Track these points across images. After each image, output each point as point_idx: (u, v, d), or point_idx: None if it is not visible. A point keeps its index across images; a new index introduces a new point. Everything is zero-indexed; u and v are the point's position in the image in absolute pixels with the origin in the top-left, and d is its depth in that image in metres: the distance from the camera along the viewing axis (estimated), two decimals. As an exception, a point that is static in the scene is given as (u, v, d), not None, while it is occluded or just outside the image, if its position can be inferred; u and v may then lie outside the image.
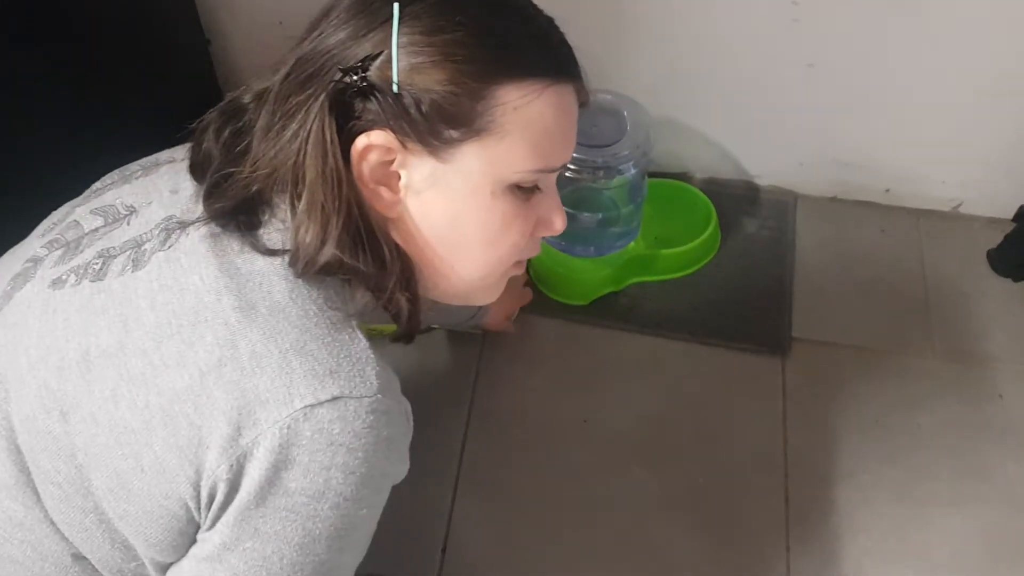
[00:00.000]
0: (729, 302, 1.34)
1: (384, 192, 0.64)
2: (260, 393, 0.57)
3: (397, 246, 0.67)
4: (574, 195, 1.22)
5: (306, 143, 0.61)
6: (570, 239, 1.25)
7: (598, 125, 1.18)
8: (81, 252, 0.67)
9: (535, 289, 1.34)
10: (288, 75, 0.64)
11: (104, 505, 0.61)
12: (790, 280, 1.36)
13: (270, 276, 0.62)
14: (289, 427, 0.56)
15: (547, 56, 0.65)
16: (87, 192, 0.76)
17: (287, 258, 0.63)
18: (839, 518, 1.13)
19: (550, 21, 0.68)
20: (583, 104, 0.70)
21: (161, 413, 0.58)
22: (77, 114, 1.12)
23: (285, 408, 0.57)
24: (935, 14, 1.16)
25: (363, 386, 0.59)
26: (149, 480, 0.59)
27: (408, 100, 0.61)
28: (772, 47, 1.26)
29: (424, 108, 0.61)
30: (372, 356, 0.61)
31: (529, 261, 1.36)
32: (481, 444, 1.19)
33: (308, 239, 0.62)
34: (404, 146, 0.63)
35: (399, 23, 0.60)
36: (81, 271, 0.65)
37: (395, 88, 0.61)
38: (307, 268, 0.62)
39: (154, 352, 0.60)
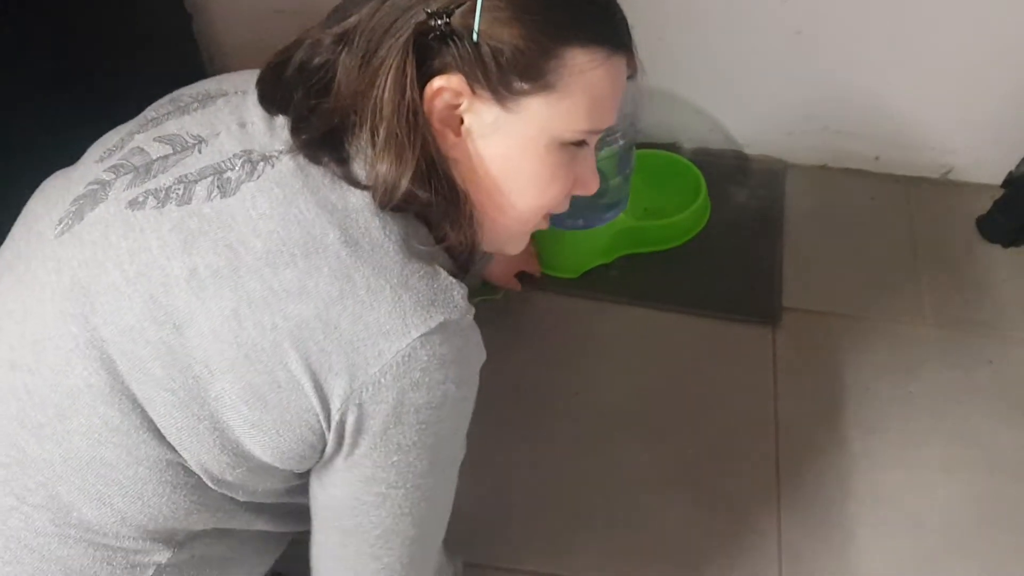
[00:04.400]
0: (719, 272, 1.34)
1: (449, 135, 0.68)
2: (381, 325, 0.62)
3: (461, 185, 0.71)
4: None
5: (387, 77, 0.65)
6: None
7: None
8: (155, 176, 0.69)
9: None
10: (376, 12, 0.67)
11: (225, 414, 0.65)
12: (780, 249, 1.36)
13: (363, 211, 0.66)
14: (409, 355, 0.62)
15: (611, 27, 0.70)
16: (140, 119, 0.77)
17: (372, 192, 0.67)
18: (830, 486, 1.14)
19: None
20: (631, 76, 0.74)
21: (290, 337, 0.62)
22: (57, 89, 1.11)
23: (404, 338, 0.62)
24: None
25: (456, 310, 0.65)
26: (287, 395, 0.64)
27: (485, 49, 0.65)
28: (760, 15, 1.25)
29: (501, 59, 0.65)
30: (454, 283, 0.67)
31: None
32: (472, 417, 1.18)
33: (384, 170, 0.66)
34: (473, 91, 0.66)
35: None
36: (162, 195, 0.68)
37: (475, 36, 0.65)
38: (386, 200, 0.66)
39: (272, 277, 0.63)
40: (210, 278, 0.64)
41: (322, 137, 0.67)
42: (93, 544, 0.68)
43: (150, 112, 0.78)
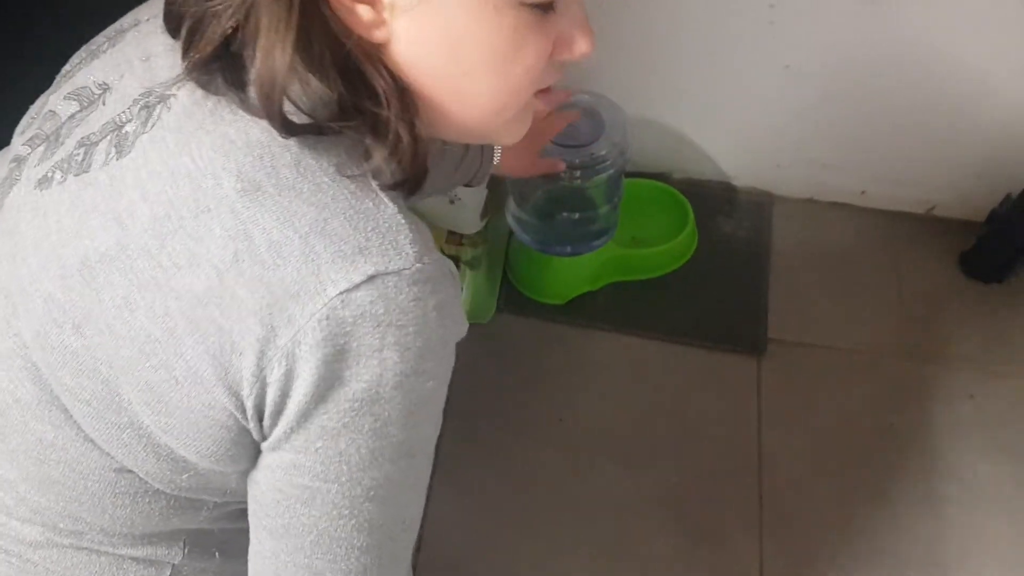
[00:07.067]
0: (705, 302, 1.34)
1: (363, 11, 0.53)
2: (288, 286, 0.51)
3: (393, 76, 0.56)
4: (551, 194, 1.22)
5: None
6: (547, 238, 1.25)
7: (576, 125, 1.18)
8: (62, 144, 0.60)
9: (511, 287, 1.34)
10: None
11: (142, 419, 0.56)
12: (766, 281, 1.36)
13: (270, 145, 0.54)
14: (328, 317, 0.51)
15: None
16: (57, 78, 0.67)
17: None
18: (812, 517, 1.14)
19: None
20: None
21: (184, 319, 0.53)
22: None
23: (319, 298, 0.51)
24: (911, 17, 1.17)
25: (399, 258, 0.52)
26: (187, 391, 0.54)
27: None
28: (749, 49, 1.26)
29: None
30: (403, 221, 0.54)
31: (506, 258, 1.37)
32: (456, 443, 1.19)
33: (255, 72, 0.53)
34: None
35: None
36: (65, 165, 0.58)
37: None
38: (268, 109, 0.53)
39: (159, 251, 0.53)
40: (99, 264, 0.54)
41: (214, 54, 0.54)
42: (95, 552, 0.63)
43: (66, 66, 0.67)
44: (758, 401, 1.24)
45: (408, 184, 0.59)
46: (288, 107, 0.54)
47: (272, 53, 0.51)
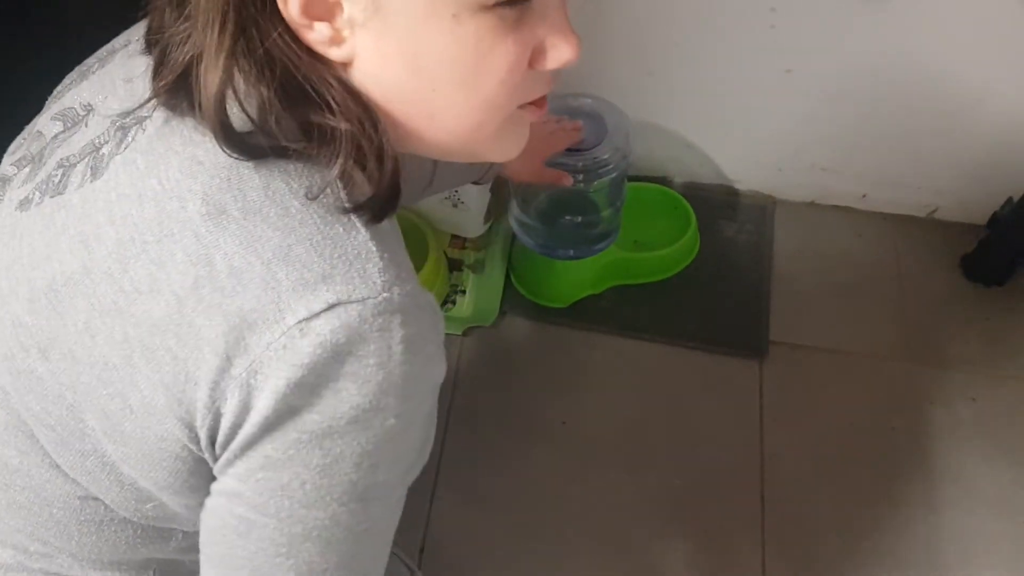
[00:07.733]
0: (707, 306, 1.35)
1: (320, 28, 0.51)
2: (246, 315, 0.49)
3: (355, 92, 0.54)
4: (554, 198, 1.23)
5: None
6: (549, 241, 1.26)
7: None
8: (44, 165, 0.59)
9: (514, 290, 1.35)
10: None
11: (105, 448, 0.55)
12: (768, 284, 1.37)
13: (239, 169, 0.52)
14: (285, 347, 0.49)
15: None
16: (49, 99, 0.67)
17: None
18: (814, 520, 1.14)
19: None
20: None
21: (141, 347, 0.51)
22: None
23: (277, 327, 0.49)
24: (911, 21, 1.18)
25: (364, 287, 0.50)
26: (140, 422, 0.53)
27: None
28: (751, 53, 1.27)
29: None
30: (373, 248, 0.52)
31: (509, 261, 1.37)
32: (459, 446, 1.19)
33: (198, 95, 0.52)
34: None
35: None
36: (44, 186, 0.57)
37: None
38: (214, 130, 0.52)
39: (122, 276, 0.52)
40: (64, 287, 0.53)
41: (179, 79, 0.53)
42: None
43: (58, 86, 0.67)
44: (760, 404, 1.24)
45: (379, 204, 0.55)
46: (249, 128, 0.52)
47: (207, 75, 0.51)
